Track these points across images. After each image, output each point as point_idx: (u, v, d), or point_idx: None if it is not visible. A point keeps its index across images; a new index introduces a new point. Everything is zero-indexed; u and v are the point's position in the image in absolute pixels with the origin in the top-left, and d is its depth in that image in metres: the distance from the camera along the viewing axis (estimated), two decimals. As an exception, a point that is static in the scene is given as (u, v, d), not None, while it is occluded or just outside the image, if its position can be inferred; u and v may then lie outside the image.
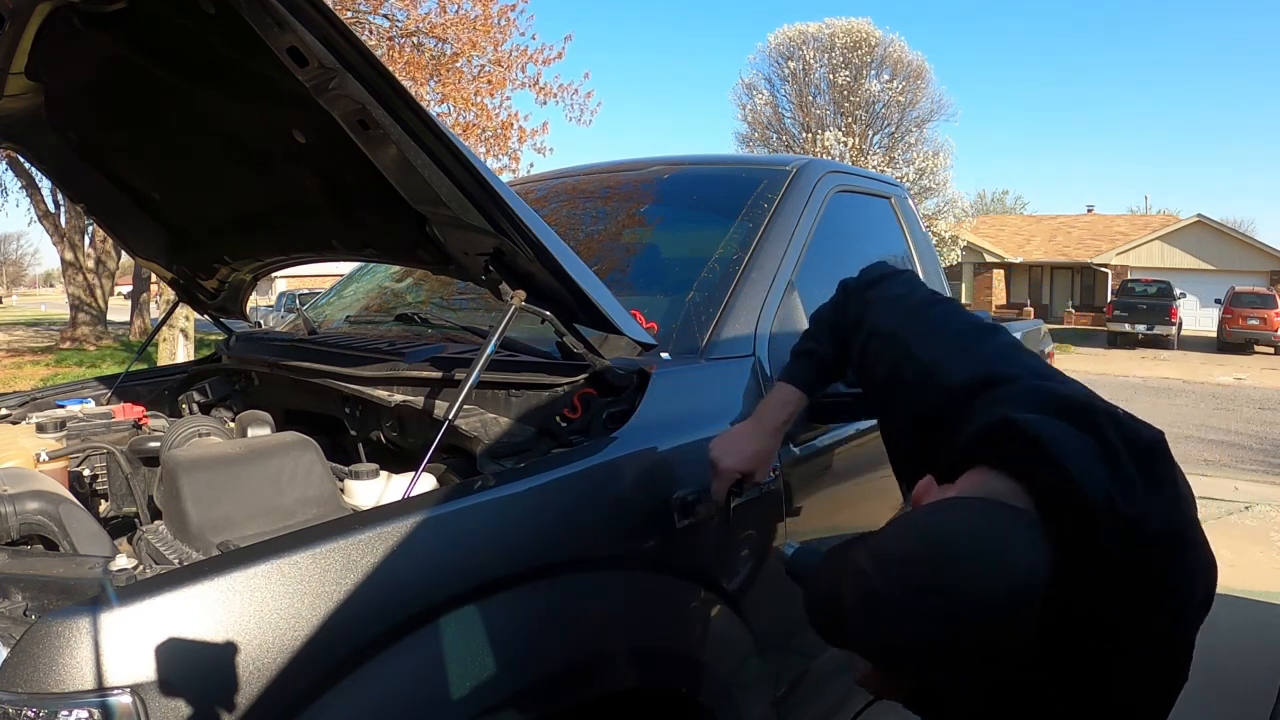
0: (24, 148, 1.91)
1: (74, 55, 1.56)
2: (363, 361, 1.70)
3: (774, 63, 26.87)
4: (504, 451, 1.47)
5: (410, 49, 10.81)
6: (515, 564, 1.14)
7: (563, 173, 2.76)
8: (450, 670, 1.03)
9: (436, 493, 1.21)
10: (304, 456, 1.38)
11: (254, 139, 1.65)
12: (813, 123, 26.14)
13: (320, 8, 1.08)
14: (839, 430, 1.87)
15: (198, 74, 1.50)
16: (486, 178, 1.28)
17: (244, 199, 1.91)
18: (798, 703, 1.69)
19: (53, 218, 17.28)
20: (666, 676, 1.36)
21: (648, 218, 2.28)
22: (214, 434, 1.66)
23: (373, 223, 1.70)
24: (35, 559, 1.22)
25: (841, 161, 12.71)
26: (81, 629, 0.82)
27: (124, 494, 1.72)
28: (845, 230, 2.28)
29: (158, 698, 0.82)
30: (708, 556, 1.43)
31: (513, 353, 1.58)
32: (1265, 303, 21.17)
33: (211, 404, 2.25)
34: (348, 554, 0.98)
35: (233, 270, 2.25)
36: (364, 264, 2.69)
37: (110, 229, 2.20)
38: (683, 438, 1.43)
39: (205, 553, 1.21)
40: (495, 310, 1.69)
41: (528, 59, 11.55)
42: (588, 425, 1.42)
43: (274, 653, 0.90)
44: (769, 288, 1.79)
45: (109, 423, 1.87)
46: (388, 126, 1.21)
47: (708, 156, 2.64)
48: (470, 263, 1.49)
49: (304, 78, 1.17)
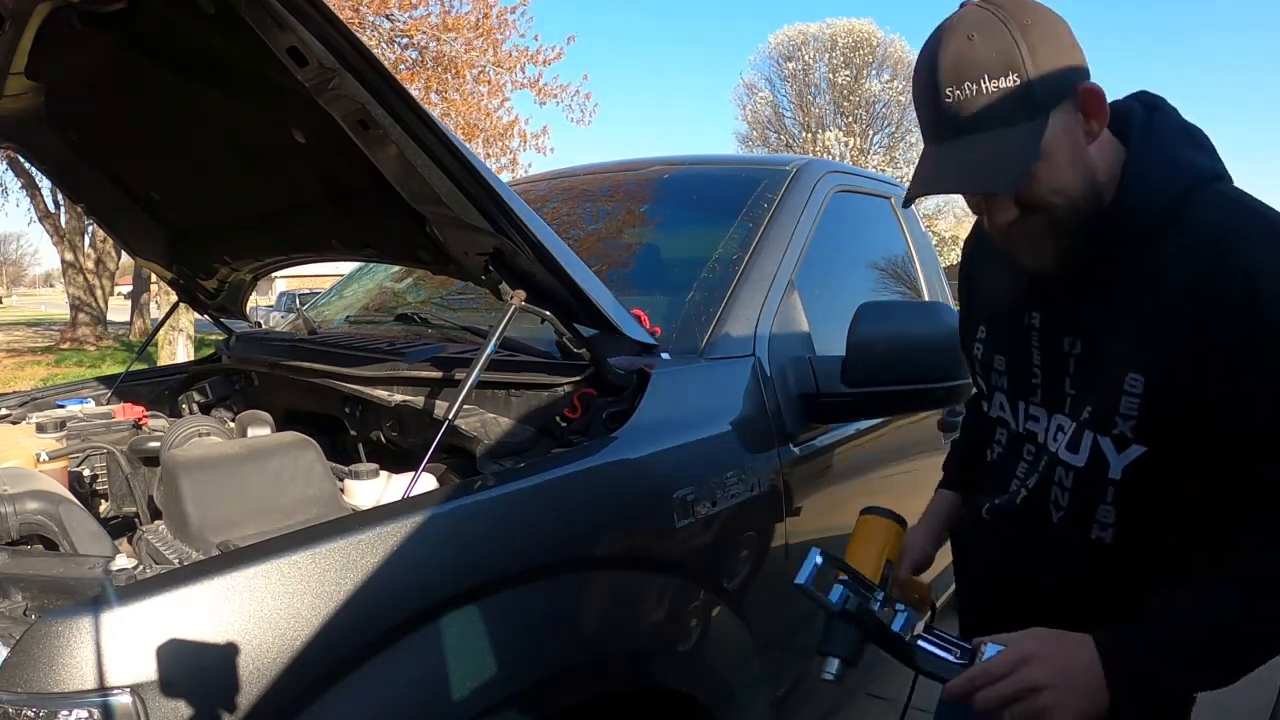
0: (24, 148, 1.91)
1: (74, 55, 1.56)
2: (363, 361, 1.70)
3: (774, 63, 26.92)
4: (504, 451, 1.47)
5: (409, 49, 10.82)
6: (515, 564, 1.14)
7: (563, 173, 2.76)
8: (450, 670, 1.03)
9: (436, 493, 1.21)
10: (304, 456, 1.38)
11: (254, 139, 1.65)
12: (813, 122, 26.17)
13: (320, 8, 1.08)
14: (839, 430, 1.87)
15: (198, 74, 1.50)
16: (486, 178, 1.28)
17: (244, 199, 1.91)
18: (797, 703, 1.70)
19: (53, 218, 17.28)
20: (666, 676, 1.36)
21: (648, 217, 2.28)
22: (214, 434, 1.66)
23: (373, 223, 1.70)
24: (35, 559, 1.22)
25: (842, 161, 12.72)
26: (81, 629, 0.82)
27: (124, 494, 1.72)
28: (845, 230, 2.28)
29: (158, 698, 0.82)
30: (707, 556, 1.43)
31: (513, 353, 1.58)
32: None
33: (211, 404, 2.25)
34: (348, 554, 0.98)
35: (233, 270, 2.25)
36: (364, 264, 2.69)
37: (110, 229, 2.20)
38: (683, 438, 1.43)
39: (205, 553, 1.21)
40: (495, 310, 1.69)
41: (527, 59, 11.56)
42: (588, 425, 1.42)
43: (274, 653, 0.90)
44: (769, 288, 1.79)
45: (109, 423, 1.87)
46: (388, 126, 1.21)
47: (708, 156, 2.64)
48: (470, 263, 1.49)
49: (304, 78, 1.17)
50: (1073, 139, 0.92)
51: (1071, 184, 0.93)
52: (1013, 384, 1.12)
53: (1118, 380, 0.95)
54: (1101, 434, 0.97)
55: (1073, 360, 1.03)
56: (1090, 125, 0.93)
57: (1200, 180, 0.94)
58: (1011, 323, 1.10)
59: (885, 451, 2.14)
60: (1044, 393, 1.07)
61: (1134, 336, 0.94)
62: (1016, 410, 1.12)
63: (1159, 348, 0.92)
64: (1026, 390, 1.10)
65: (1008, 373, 1.13)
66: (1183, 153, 0.96)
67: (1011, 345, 1.11)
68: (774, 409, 1.64)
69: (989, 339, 1.17)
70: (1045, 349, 1.06)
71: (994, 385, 1.16)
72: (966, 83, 0.89)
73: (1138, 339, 0.94)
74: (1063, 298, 1.02)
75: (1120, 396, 0.94)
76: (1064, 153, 0.92)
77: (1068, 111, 0.92)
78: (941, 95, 0.91)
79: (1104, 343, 0.98)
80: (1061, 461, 1.04)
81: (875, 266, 2.53)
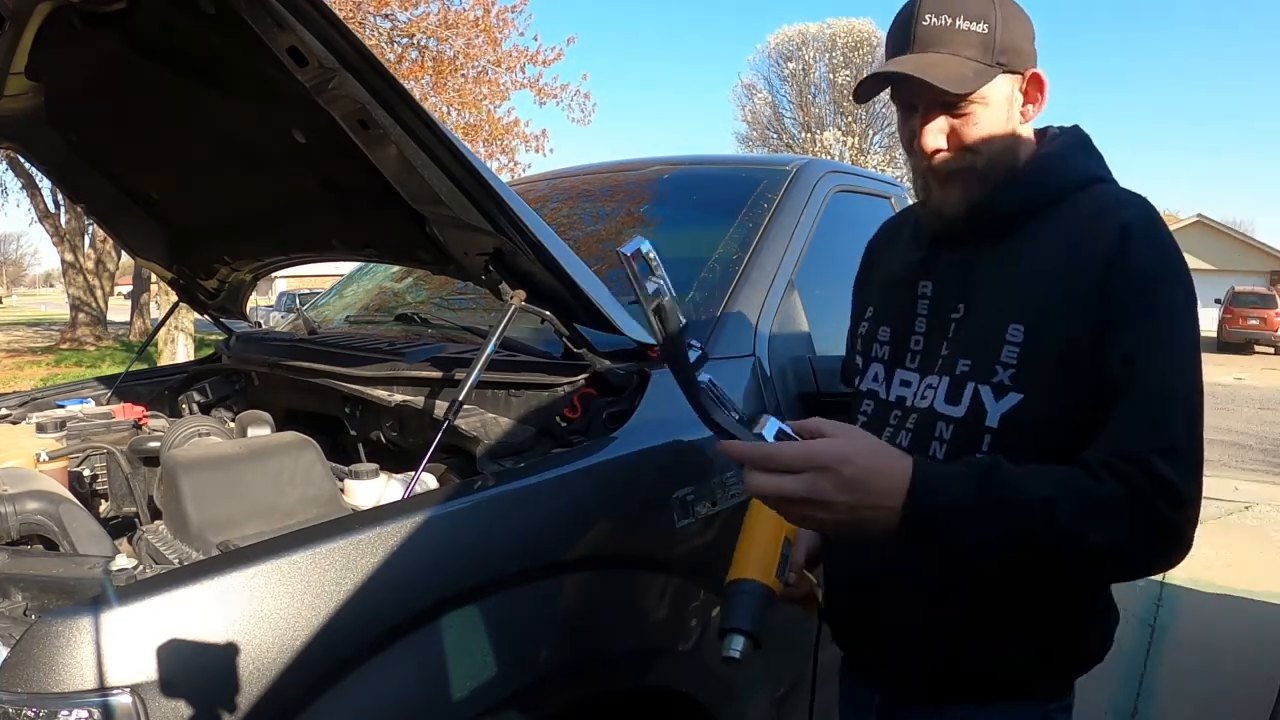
0: (24, 148, 1.91)
1: (74, 55, 1.56)
2: (363, 361, 1.70)
3: (774, 63, 26.91)
4: (504, 451, 1.47)
5: (410, 48, 10.82)
6: (515, 564, 1.14)
7: (563, 173, 2.76)
8: (450, 670, 1.03)
9: (436, 493, 1.21)
10: (304, 456, 1.38)
11: (254, 138, 1.65)
12: (813, 122, 26.17)
13: (320, 8, 1.08)
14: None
15: (198, 74, 1.50)
16: (486, 178, 1.28)
17: (244, 199, 1.92)
18: (798, 703, 1.70)
19: (53, 218, 17.29)
20: (666, 676, 1.36)
21: (647, 217, 2.28)
22: (214, 434, 1.66)
23: (373, 223, 1.70)
24: (35, 559, 1.22)
25: (841, 161, 12.72)
26: (81, 629, 0.82)
27: (124, 494, 1.72)
28: (845, 230, 2.28)
29: (158, 698, 0.82)
30: (708, 556, 1.43)
31: (513, 353, 1.58)
32: (1265, 303, 21.17)
33: (211, 404, 2.25)
34: (348, 554, 0.98)
35: (233, 270, 2.25)
36: (364, 264, 2.69)
37: (110, 229, 2.20)
38: (682, 438, 1.43)
39: (205, 553, 1.21)
40: (495, 310, 1.69)
41: (527, 59, 11.57)
42: (588, 425, 1.42)
43: (274, 653, 0.90)
44: (769, 287, 1.79)
45: (109, 423, 1.87)
46: (387, 126, 1.21)
47: (708, 156, 2.64)
48: (470, 263, 1.49)
49: (304, 78, 1.17)
50: (1011, 107, 1.05)
51: (998, 141, 1.04)
52: (892, 353, 1.17)
53: (999, 332, 1.02)
54: (982, 383, 1.02)
55: (953, 324, 1.09)
56: (1027, 109, 1.07)
57: (1094, 178, 1.08)
58: (905, 292, 1.17)
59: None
60: (922, 357, 1.13)
61: (1016, 291, 1.03)
62: (891, 379, 1.17)
63: (1038, 296, 1.00)
64: (903, 356, 1.16)
65: (890, 342, 1.18)
66: (1084, 159, 1.10)
67: (899, 315, 1.17)
68: (774, 409, 1.64)
69: (876, 315, 1.22)
70: (931, 314, 1.13)
71: (872, 357, 1.20)
72: (945, 15, 1.02)
73: (1020, 293, 1.02)
74: (954, 269, 1.11)
75: (1002, 347, 1.01)
76: (1000, 111, 1.04)
77: (1014, 84, 1.05)
78: (920, 17, 1.03)
79: (989, 301, 1.06)
80: (941, 415, 1.06)
81: (875, 266, 2.53)
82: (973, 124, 1.03)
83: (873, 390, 1.19)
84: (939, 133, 1.04)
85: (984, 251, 1.08)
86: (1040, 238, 1.04)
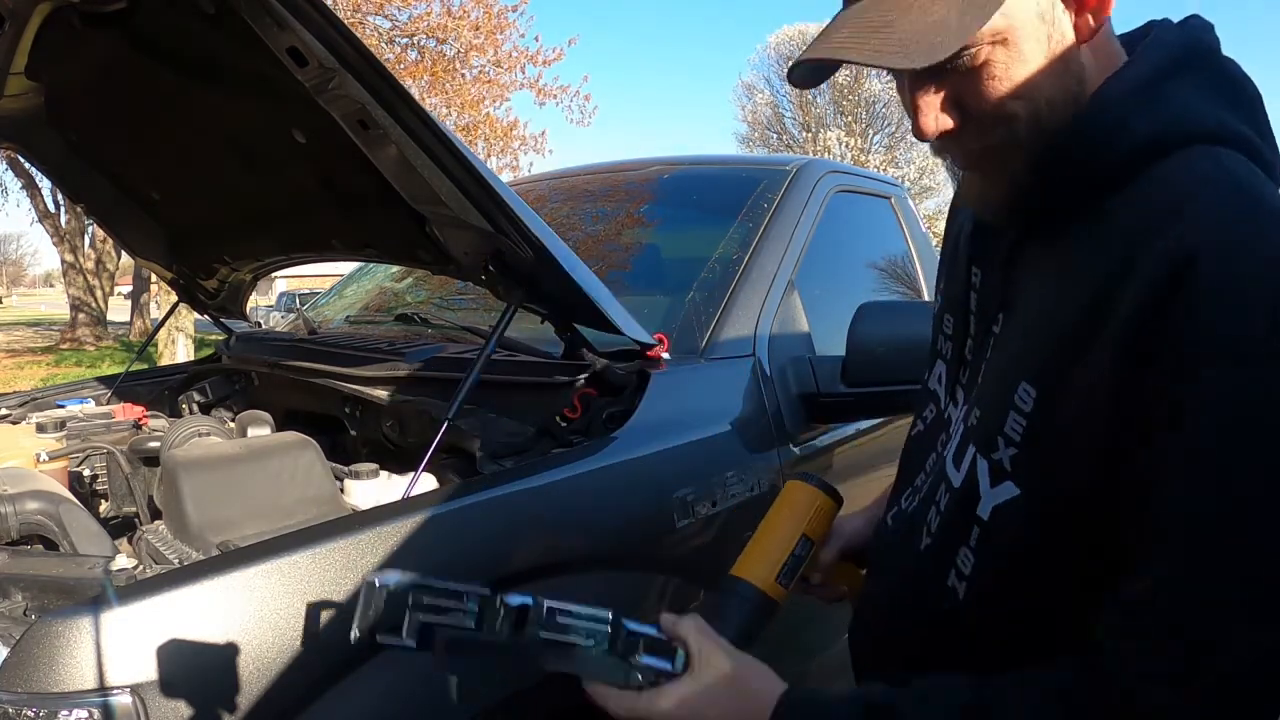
0: (24, 148, 1.91)
1: (74, 55, 1.56)
2: (363, 361, 1.70)
3: (774, 63, 26.90)
4: (504, 451, 1.47)
5: (408, 49, 10.83)
6: (515, 564, 1.14)
7: (563, 173, 2.76)
8: (451, 670, 1.03)
9: (436, 493, 1.21)
10: (304, 456, 1.38)
11: (254, 139, 1.65)
12: (813, 123, 26.18)
13: (320, 8, 1.08)
14: (839, 430, 1.87)
15: (198, 74, 1.50)
16: (486, 178, 1.28)
17: (244, 199, 1.92)
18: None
19: (53, 218, 17.29)
20: (666, 676, 1.36)
21: (647, 217, 2.29)
22: (214, 434, 1.66)
23: (373, 223, 1.70)
24: (35, 559, 1.22)
25: (842, 161, 12.74)
26: (81, 629, 0.82)
27: (124, 494, 1.72)
28: (845, 230, 2.28)
29: (158, 698, 0.82)
30: (708, 556, 1.43)
31: (512, 353, 1.58)
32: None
33: (211, 404, 2.25)
34: (348, 554, 0.98)
35: (233, 270, 2.25)
36: (364, 264, 2.69)
37: (110, 229, 2.20)
38: (683, 438, 1.43)
39: (205, 553, 1.20)
40: (495, 310, 1.69)
41: (527, 59, 11.57)
42: (588, 425, 1.42)
43: (274, 653, 0.90)
44: (769, 288, 1.79)
45: (109, 423, 1.87)
46: (387, 126, 1.21)
47: (708, 156, 2.65)
48: (470, 263, 1.49)
49: (304, 78, 1.17)
50: (1053, 27, 0.66)
51: (1043, 86, 0.66)
52: (953, 352, 0.86)
53: (1010, 388, 0.70)
54: (981, 454, 0.73)
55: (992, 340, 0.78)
56: (1084, 18, 0.67)
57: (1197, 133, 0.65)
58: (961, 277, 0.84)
59: (885, 451, 2.14)
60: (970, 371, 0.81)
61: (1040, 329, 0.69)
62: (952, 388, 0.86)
63: (1059, 348, 0.66)
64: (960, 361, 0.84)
65: (952, 337, 0.87)
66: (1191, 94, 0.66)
67: (956, 305, 0.85)
68: (774, 409, 1.64)
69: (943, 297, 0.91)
70: (979, 314, 0.81)
71: (938, 351, 0.91)
72: None
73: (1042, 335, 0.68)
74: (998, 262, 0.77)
75: (1008, 412, 0.69)
76: (1034, 42, 0.65)
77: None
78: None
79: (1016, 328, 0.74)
80: (946, 476, 0.78)
81: (875, 266, 2.53)
82: (988, 79, 0.66)
83: (935, 393, 0.90)
84: (937, 110, 0.68)
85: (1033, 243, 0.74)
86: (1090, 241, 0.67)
